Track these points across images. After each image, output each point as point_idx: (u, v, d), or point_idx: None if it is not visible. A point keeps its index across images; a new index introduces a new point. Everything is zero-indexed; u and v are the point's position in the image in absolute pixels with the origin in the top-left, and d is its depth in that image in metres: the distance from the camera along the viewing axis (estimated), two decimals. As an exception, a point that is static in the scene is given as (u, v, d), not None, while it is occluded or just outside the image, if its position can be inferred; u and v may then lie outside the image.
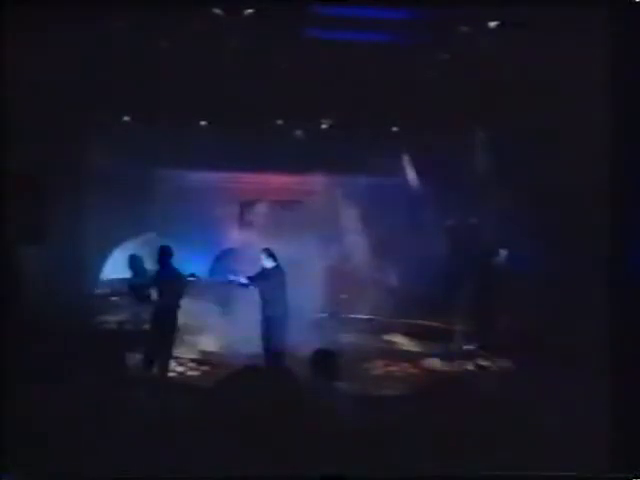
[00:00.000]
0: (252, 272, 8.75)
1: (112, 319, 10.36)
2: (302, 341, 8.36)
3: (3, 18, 5.28)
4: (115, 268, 11.57)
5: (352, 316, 10.57)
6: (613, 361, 4.69)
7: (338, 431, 3.91)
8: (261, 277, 8.56)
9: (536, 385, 5.05)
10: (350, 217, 12.39)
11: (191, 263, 12.45)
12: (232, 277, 8.85)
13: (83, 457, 3.74)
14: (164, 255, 9.17)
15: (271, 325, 8.44)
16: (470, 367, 9.21)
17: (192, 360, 9.44)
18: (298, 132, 11.41)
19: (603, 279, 5.10)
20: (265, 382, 4.20)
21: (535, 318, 8.63)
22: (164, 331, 8.19)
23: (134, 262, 10.75)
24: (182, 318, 11.19)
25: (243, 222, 13.68)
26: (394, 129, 11.30)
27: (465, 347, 10.08)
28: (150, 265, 10.35)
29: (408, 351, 10.27)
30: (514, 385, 6.64)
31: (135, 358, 8.13)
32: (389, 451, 3.78)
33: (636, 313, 4.71)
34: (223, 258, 12.80)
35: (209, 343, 10.45)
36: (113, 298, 11.00)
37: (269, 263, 8.55)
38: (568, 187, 8.29)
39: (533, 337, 8.27)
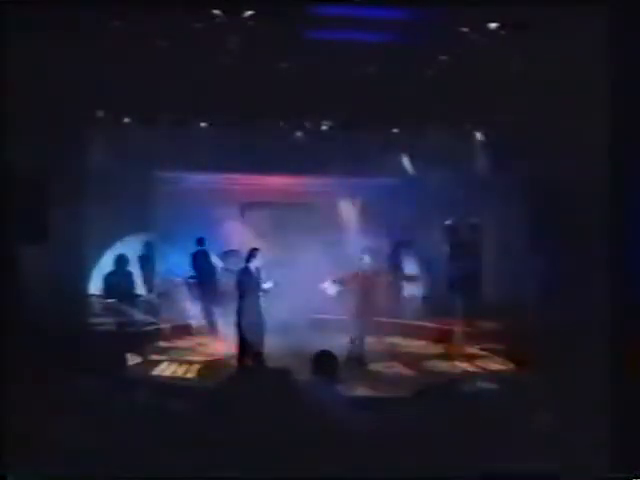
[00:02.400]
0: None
1: (112, 320, 10.37)
2: (304, 343, 8.37)
3: (3, 18, 5.29)
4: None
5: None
6: (613, 361, 4.69)
7: (338, 432, 3.91)
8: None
9: (536, 385, 5.04)
10: (350, 218, 12.40)
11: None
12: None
13: (83, 457, 3.73)
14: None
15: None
16: (470, 368, 9.22)
17: (193, 361, 9.47)
18: (298, 133, 11.40)
19: (603, 279, 5.11)
20: (265, 383, 4.20)
21: (535, 318, 8.63)
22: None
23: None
24: (183, 320, 11.28)
25: (243, 224, 13.68)
26: (394, 130, 11.31)
27: (465, 348, 10.10)
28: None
29: (409, 352, 10.28)
30: (514, 385, 6.63)
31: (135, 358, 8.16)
32: (389, 452, 3.77)
33: (636, 312, 4.71)
34: (223, 259, 12.80)
35: (209, 344, 10.47)
36: (112, 299, 11.01)
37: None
38: (568, 187, 8.29)
39: (533, 337, 8.27)
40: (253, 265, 8.44)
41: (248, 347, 8.25)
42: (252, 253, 8.52)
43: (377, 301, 9.65)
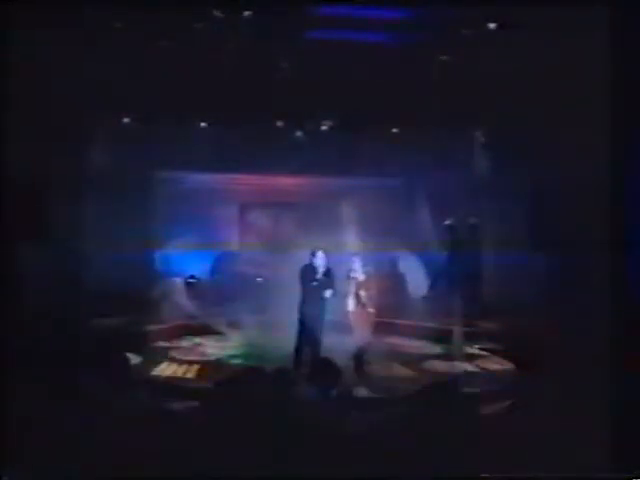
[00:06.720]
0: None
1: (113, 319, 10.36)
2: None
3: (3, 18, 5.28)
4: (118, 270, 11.58)
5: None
6: (613, 360, 4.69)
7: (338, 433, 3.90)
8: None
9: (536, 385, 5.04)
10: (350, 218, 12.38)
11: (191, 264, 12.50)
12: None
13: (83, 457, 3.73)
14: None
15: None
16: (470, 368, 9.22)
17: (194, 361, 9.46)
18: (298, 133, 11.40)
19: (604, 278, 5.11)
20: (265, 384, 4.20)
21: (535, 318, 8.62)
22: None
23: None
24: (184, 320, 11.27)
25: (243, 224, 13.67)
26: (394, 130, 11.30)
27: (465, 348, 10.09)
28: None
29: (409, 352, 10.27)
30: (514, 385, 6.63)
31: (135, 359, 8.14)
32: (389, 453, 3.77)
33: (636, 312, 4.71)
34: (223, 260, 12.80)
35: (211, 344, 10.47)
36: (115, 299, 11.00)
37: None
38: (568, 187, 8.29)
39: (533, 337, 8.26)
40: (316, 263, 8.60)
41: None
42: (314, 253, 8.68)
43: (375, 302, 9.63)
